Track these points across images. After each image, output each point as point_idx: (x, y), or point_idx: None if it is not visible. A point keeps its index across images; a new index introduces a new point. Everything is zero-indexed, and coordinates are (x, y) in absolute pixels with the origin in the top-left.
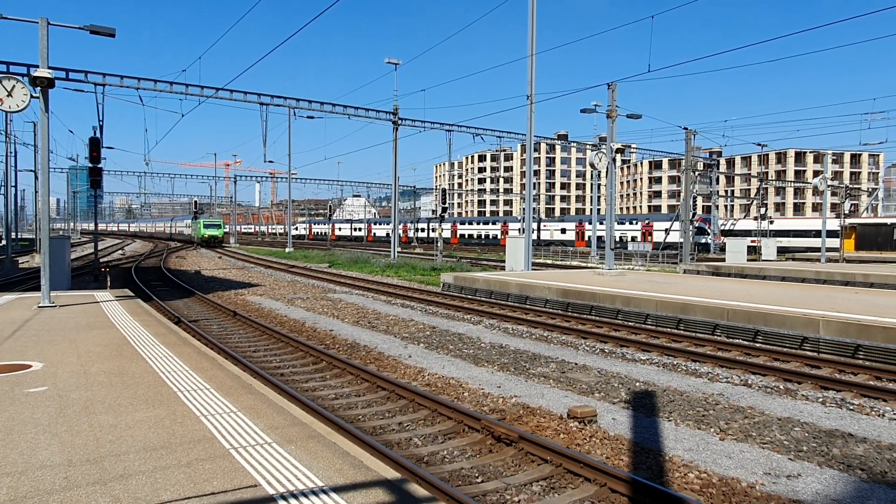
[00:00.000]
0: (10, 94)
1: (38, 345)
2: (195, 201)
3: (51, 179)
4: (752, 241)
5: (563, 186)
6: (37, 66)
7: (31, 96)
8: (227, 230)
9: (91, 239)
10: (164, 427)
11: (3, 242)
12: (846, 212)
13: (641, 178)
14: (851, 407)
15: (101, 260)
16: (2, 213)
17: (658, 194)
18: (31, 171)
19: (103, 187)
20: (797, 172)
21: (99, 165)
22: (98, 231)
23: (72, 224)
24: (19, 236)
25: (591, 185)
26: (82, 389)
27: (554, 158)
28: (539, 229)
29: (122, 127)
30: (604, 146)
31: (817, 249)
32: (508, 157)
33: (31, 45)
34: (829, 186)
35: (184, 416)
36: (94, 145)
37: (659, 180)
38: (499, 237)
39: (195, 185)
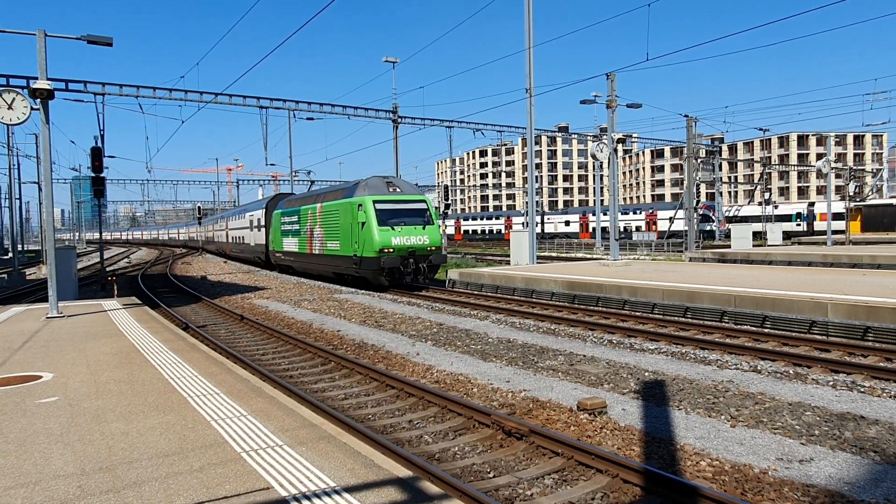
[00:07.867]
0: (10, 107)
1: (48, 355)
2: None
3: (54, 190)
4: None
5: (566, 179)
6: (36, 78)
7: (32, 108)
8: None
9: (97, 248)
10: (175, 433)
11: (10, 255)
12: (851, 193)
13: (644, 168)
14: (862, 389)
15: (108, 269)
16: (7, 225)
17: (661, 183)
18: (34, 182)
19: (107, 196)
20: (800, 156)
21: (101, 175)
22: (103, 240)
23: (77, 234)
24: (25, 248)
25: (594, 176)
26: (93, 398)
27: (555, 151)
28: (543, 222)
29: (123, 136)
30: (605, 137)
31: (823, 233)
32: (510, 152)
33: (30, 57)
34: (832, 169)
35: (195, 421)
36: (96, 155)
37: (661, 169)
38: (503, 232)
39: (198, 190)
